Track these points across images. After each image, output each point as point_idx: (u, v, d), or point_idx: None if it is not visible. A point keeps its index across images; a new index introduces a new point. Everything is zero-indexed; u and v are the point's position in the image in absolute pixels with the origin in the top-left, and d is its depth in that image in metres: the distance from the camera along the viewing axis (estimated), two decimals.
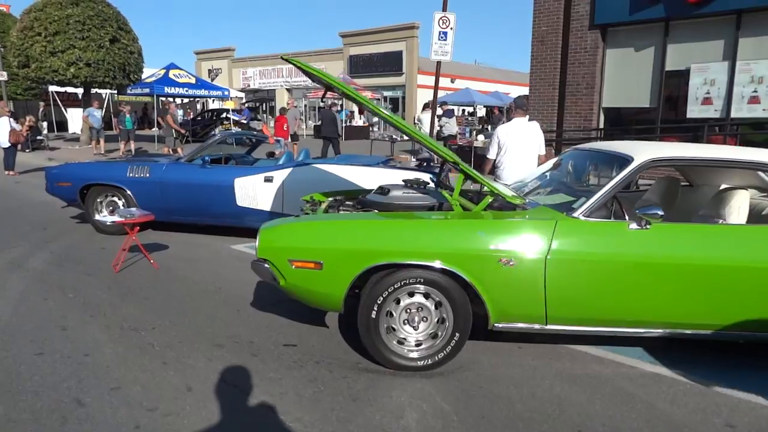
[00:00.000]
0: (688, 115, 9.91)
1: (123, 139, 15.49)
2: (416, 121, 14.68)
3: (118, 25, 18.39)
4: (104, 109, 20.32)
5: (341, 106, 29.04)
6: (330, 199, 4.40)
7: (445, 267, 3.02)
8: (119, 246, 5.75)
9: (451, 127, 15.31)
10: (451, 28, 7.94)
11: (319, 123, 16.92)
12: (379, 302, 3.12)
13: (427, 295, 3.17)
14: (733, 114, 9.39)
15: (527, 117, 5.71)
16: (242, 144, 8.01)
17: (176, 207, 6.30)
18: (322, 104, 28.87)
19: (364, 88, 27.35)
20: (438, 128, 14.36)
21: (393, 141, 16.43)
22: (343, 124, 26.97)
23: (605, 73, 10.83)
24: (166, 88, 19.13)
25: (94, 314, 3.98)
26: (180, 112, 24.51)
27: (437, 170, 5.87)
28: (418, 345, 3.22)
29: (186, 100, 30.55)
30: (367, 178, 5.81)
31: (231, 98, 22.28)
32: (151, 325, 3.77)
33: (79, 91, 20.78)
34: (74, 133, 26.49)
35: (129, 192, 6.35)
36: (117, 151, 16.33)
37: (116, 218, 5.05)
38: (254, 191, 6.05)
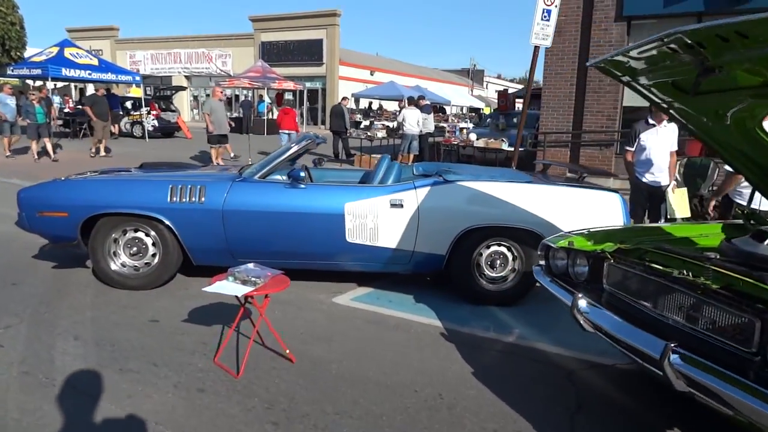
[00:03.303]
0: None
1: (32, 137, 11.81)
2: (400, 119, 13.05)
3: None
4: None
5: (260, 96, 26.37)
6: (615, 247, 2.81)
7: None
8: (180, 313, 3.62)
9: (429, 123, 13.92)
10: (556, 6, 6.54)
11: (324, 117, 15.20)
12: None
13: None
14: None
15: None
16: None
17: (247, 247, 4.23)
18: (246, 94, 25.95)
19: (285, 78, 24.93)
20: (416, 124, 12.89)
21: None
22: (266, 117, 24.43)
23: None
24: (64, 70, 15.48)
25: None
26: (56, 99, 20.17)
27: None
28: None
29: (60, 84, 25.68)
30: (530, 199, 4.22)
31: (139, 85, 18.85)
32: None
33: None
34: None
35: (170, 225, 4.13)
36: (28, 154, 12.49)
37: (235, 286, 2.94)
38: (375, 221, 4.18)
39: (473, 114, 36.92)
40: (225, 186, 4.20)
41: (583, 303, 2.65)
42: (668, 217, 5.31)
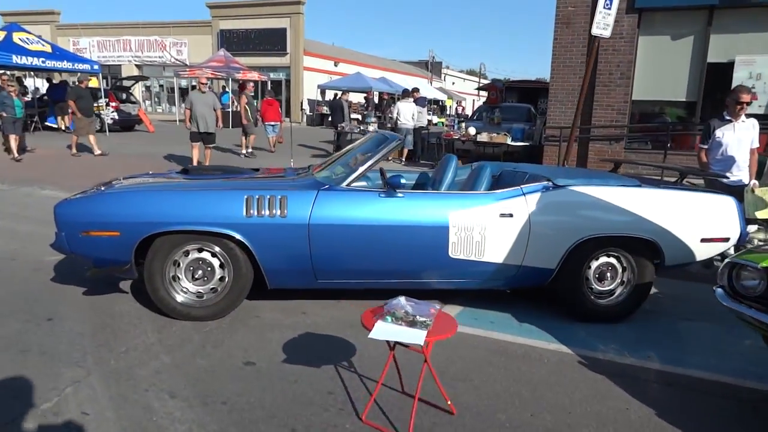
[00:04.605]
0: None
1: (10, 132, 10.29)
2: (395, 112, 12.51)
3: None
4: None
5: (222, 88, 25.10)
6: None
7: None
8: (272, 351, 3.02)
9: (423, 117, 13.45)
10: None
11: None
12: None
13: None
14: None
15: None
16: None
17: (335, 266, 3.63)
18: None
19: (248, 68, 23.78)
20: (411, 118, 12.39)
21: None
22: (230, 109, 23.21)
23: (636, 63, 9.97)
24: (14, 58, 13.96)
25: None
26: None
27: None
28: None
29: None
30: (646, 204, 3.81)
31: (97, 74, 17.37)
32: None
33: None
34: None
35: (246, 243, 3.47)
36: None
37: (405, 330, 2.33)
38: (482, 234, 3.67)
39: (435, 106, 36.73)
40: (310, 196, 3.56)
41: None
42: (746, 217, 5.07)
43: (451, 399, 2.70)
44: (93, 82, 18.99)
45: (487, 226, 3.67)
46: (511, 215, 3.70)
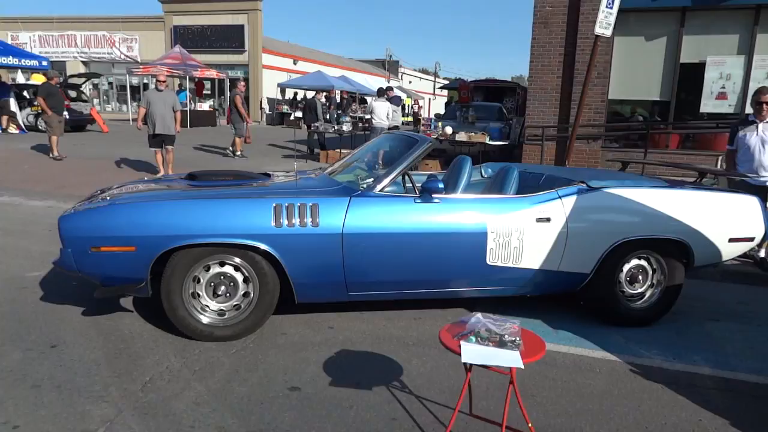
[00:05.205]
0: (702, 110, 9.78)
1: None
2: (368, 111, 12.28)
3: None
4: None
5: (179, 86, 24.18)
6: None
7: None
8: (312, 373, 2.81)
9: (398, 116, 13.27)
10: None
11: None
12: None
13: None
14: (748, 110, 9.48)
15: None
16: None
17: (368, 278, 3.40)
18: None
19: (206, 66, 22.98)
20: (386, 117, 12.20)
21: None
22: (187, 108, 22.38)
23: (612, 63, 10.12)
24: None
25: None
26: None
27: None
28: None
29: None
30: (678, 206, 3.77)
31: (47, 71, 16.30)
32: None
33: None
34: None
35: (275, 255, 3.19)
36: None
37: (496, 352, 2.13)
38: (520, 239, 3.53)
39: None
40: (342, 203, 3.31)
41: None
42: None
43: (545, 428, 2.53)
44: (38, 78, 17.87)
45: (525, 231, 3.53)
46: (548, 219, 3.57)
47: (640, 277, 3.88)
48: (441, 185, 3.38)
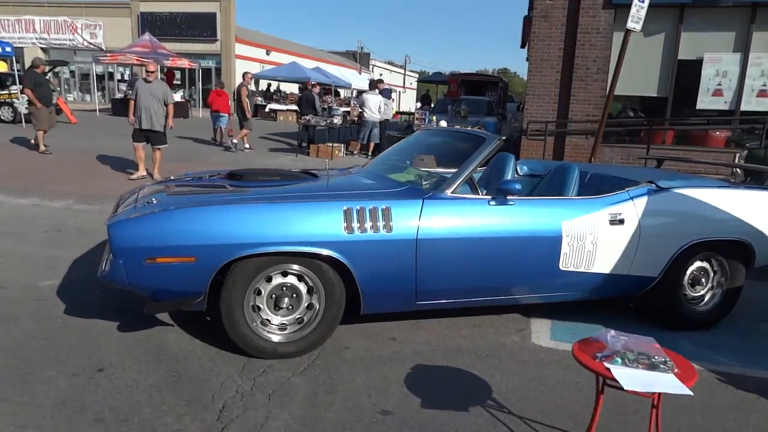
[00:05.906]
0: (698, 107, 9.88)
1: None
2: (359, 104, 11.98)
3: None
4: None
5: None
6: None
7: None
8: (402, 395, 2.61)
9: (390, 109, 13.02)
10: None
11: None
12: None
13: None
14: (743, 107, 9.64)
15: None
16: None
17: (439, 285, 3.16)
18: (135, 72, 22.20)
19: (178, 55, 22.11)
20: (378, 110, 11.93)
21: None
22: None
23: (611, 59, 10.11)
24: None
25: None
26: None
27: None
28: None
29: None
30: (743, 206, 3.69)
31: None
32: None
33: None
34: None
35: (347, 264, 2.92)
36: None
37: (647, 375, 1.92)
38: (594, 243, 3.36)
39: None
40: (416, 206, 3.06)
41: None
42: None
43: None
44: (2, 67, 16.83)
45: (598, 234, 3.36)
46: (621, 221, 3.41)
47: (702, 279, 3.78)
48: (518, 186, 3.17)
